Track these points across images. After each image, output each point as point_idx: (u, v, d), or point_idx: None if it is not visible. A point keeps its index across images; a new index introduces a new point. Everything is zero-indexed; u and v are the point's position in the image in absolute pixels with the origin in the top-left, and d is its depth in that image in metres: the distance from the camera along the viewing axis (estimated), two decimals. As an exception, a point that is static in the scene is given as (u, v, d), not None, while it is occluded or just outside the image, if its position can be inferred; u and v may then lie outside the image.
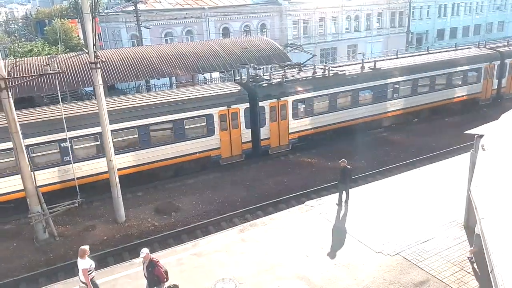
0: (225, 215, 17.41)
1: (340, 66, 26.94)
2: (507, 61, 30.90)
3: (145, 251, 10.32)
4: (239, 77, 25.42)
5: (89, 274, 10.43)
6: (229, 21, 44.50)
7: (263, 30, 46.60)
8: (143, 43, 36.00)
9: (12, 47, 52.68)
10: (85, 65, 22.27)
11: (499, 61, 30.36)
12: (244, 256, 12.82)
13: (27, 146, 16.19)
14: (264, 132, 22.42)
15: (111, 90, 26.20)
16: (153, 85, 29.53)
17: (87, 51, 17.27)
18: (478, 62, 29.50)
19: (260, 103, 21.90)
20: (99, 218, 17.60)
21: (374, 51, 49.29)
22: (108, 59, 23.52)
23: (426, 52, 30.74)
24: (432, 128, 27.13)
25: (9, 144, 15.70)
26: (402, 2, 53.74)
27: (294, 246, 13.21)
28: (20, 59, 22.70)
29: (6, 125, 14.87)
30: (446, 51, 31.07)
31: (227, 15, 44.12)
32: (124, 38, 39.97)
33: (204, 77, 30.57)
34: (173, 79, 30.56)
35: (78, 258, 10.43)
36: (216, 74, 31.41)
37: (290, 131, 23.12)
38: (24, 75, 20.35)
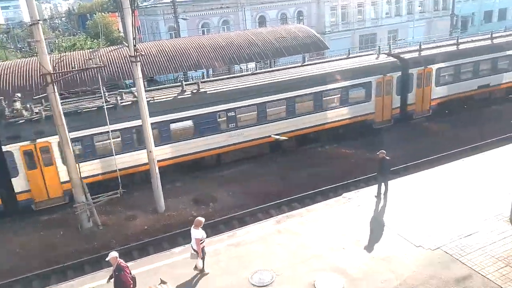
0: (261, 206, 17.51)
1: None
2: (413, 71, 24.51)
3: (112, 254, 9.97)
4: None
5: (201, 243, 11.19)
6: (265, 9, 44.19)
7: (300, 18, 45.93)
8: (181, 34, 36.44)
9: (56, 42, 54.88)
10: (125, 58, 22.83)
11: (400, 72, 24.12)
12: (281, 248, 12.85)
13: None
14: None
15: (150, 82, 26.73)
16: (190, 77, 29.87)
17: (127, 44, 17.70)
18: (366, 75, 23.30)
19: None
20: (140, 208, 18.17)
21: (416, 36, 47.45)
22: (147, 52, 24.00)
23: (300, 65, 24.38)
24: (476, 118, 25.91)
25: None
26: (446, -17, 51.30)
27: (330, 238, 13.09)
28: (64, 54, 23.57)
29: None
30: (328, 61, 25.03)
31: (263, 4, 43.80)
32: (162, 31, 40.65)
33: (240, 68, 30.58)
34: (210, 70, 30.79)
35: (192, 227, 11.27)
36: (252, 65, 31.34)
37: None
38: (68, 69, 21.14)
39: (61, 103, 15.84)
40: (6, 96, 21.05)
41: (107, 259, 10.00)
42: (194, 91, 20.16)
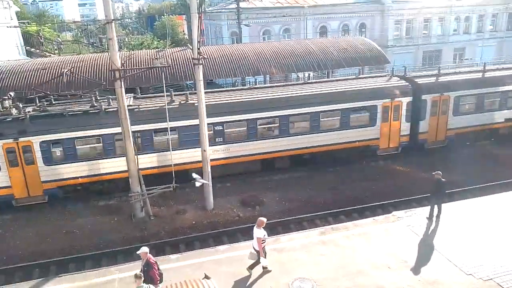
0: (307, 215, 17.48)
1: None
2: (426, 97, 22.95)
3: (143, 249, 10.41)
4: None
5: (262, 243, 11.63)
6: (327, 20, 44.09)
7: (362, 30, 45.35)
8: (242, 40, 37.27)
9: (126, 39, 58.04)
10: (188, 60, 23.73)
11: (411, 97, 22.56)
12: (324, 259, 12.81)
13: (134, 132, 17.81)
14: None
15: (209, 85, 27.56)
16: (248, 82, 30.47)
17: (191, 47, 18.43)
18: (371, 98, 21.99)
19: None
20: (190, 203, 18.80)
21: (485, 56, 45.21)
22: (209, 55, 24.81)
23: (303, 82, 24.17)
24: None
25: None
26: (523, 3, 48.43)
27: (376, 256, 12.85)
28: (133, 52, 24.96)
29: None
30: (333, 81, 24.12)
31: (325, 14, 43.75)
32: (225, 35, 41.74)
33: (297, 76, 30.72)
34: (267, 77, 31.21)
35: (255, 227, 11.81)
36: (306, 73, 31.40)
37: None
38: (135, 67, 22.37)
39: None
40: (78, 88, 22.73)
41: (138, 252, 10.48)
42: (182, 102, 19.83)
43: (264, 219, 11.90)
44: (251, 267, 12.16)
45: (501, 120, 24.68)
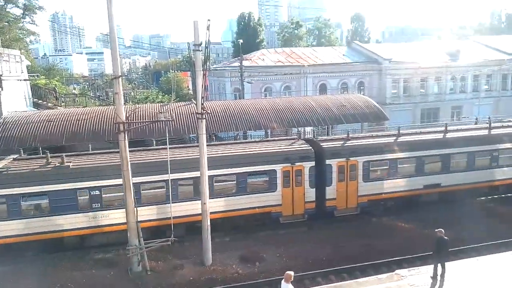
0: (308, 273, 17.05)
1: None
2: (331, 162, 21.90)
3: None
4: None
5: None
6: (327, 78, 45.53)
7: (361, 88, 46.67)
8: (244, 96, 38.32)
9: (131, 93, 59.65)
10: (192, 114, 24.27)
11: (313, 162, 21.59)
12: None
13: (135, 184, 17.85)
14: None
15: (211, 139, 27.94)
16: (250, 135, 30.92)
17: (195, 102, 19.00)
18: (271, 162, 21.06)
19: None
20: (188, 258, 18.43)
21: (482, 114, 46.14)
22: (212, 110, 25.42)
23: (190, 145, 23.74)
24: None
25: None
26: (516, 65, 50.21)
27: (379, 316, 12.41)
28: (137, 106, 25.58)
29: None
30: (233, 144, 23.75)
31: (325, 73, 45.26)
32: (228, 91, 42.97)
33: (298, 130, 31.25)
34: (269, 131, 31.75)
35: (283, 281, 12.00)
36: (308, 129, 31.96)
37: None
38: (140, 120, 22.84)
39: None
40: (82, 139, 23.09)
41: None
42: (57, 164, 19.03)
43: (292, 273, 12.05)
44: None
45: (420, 186, 23.29)
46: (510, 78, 51.24)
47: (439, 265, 14.54)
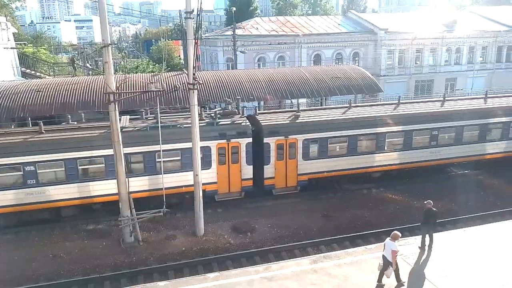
0: (299, 243, 17.31)
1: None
2: (269, 140, 21.03)
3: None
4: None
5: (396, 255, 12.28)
6: (321, 48, 44.90)
7: (356, 59, 46.20)
8: (237, 66, 37.74)
9: (122, 63, 58.53)
10: (183, 84, 23.90)
11: (250, 139, 20.74)
12: (315, 288, 12.61)
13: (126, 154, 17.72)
14: None
15: (202, 108, 27.66)
16: (243, 108, 30.64)
17: (186, 72, 18.62)
18: (205, 138, 19.34)
19: None
20: (180, 229, 18.56)
21: (476, 87, 46.10)
22: (204, 80, 25.03)
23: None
24: None
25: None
26: (512, 36, 49.83)
27: (367, 286, 12.68)
28: (128, 76, 25.09)
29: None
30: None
31: (320, 43, 44.59)
32: (220, 61, 42.27)
33: (291, 102, 31.00)
34: (261, 103, 31.48)
35: (389, 239, 12.46)
36: (303, 100, 31.71)
37: None
38: (130, 90, 22.45)
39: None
40: (72, 109, 22.75)
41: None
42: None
43: (399, 233, 12.56)
44: (379, 280, 12.68)
45: (364, 165, 22.52)
46: (505, 51, 50.92)
47: (427, 235, 14.77)
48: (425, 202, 14.78)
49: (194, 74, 16.64)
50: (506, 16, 52.34)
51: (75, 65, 36.87)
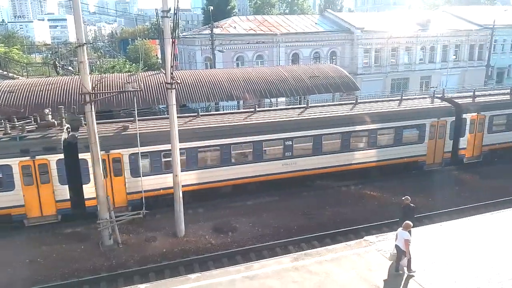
0: (280, 241, 17.37)
1: None
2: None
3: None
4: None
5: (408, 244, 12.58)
6: (299, 47, 45.18)
7: (333, 57, 46.66)
8: (216, 65, 37.59)
9: (97, 62, 57.52)
10: (161, 84, 23.69)
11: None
12: (296, 286, 12.66)
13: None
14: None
15: (182, 108, 27.48)
16: (222, 107, 30.58)
17: (164, 71, 18.43)
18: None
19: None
20: (160, 230, 18.36)
21: (449, 85, 47.21)
22: (182, 80, 24.85)
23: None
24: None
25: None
26: (483, 35, 51.23)
27: (348, 281, 12.82)
28: (104, 76, 24.72)
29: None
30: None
31: (298, 42, 44.84)
32: (199, 60, 42.03)
33: (270, 101, 31.10)
34: (241, 102, 31.49)
35: (401, 229, 12.87)
36: (281, 99, 31.87)
37: None
38: (107, 91, 22.11)
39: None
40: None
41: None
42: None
43: (411, 223, 12.98)
44: (396, 270, 13.08)
45: (220, 178, 20.82)
46: (477, 49, 52.35)
47: (405, 231, 15.03)
48: (403, 198, 15.06)
49: (172, 73, 16.50)
50: (477, 16, 53.88)
51: (57, 69, 35.93)
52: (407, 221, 12.98)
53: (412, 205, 14.85)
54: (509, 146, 26.20)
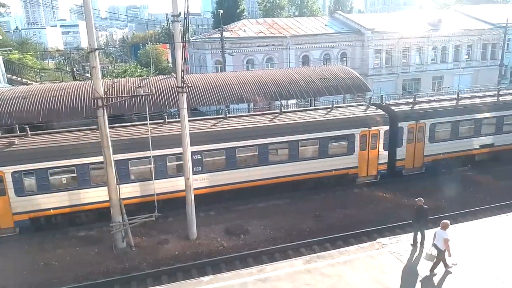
0: (292, 244, 17.33)
1: None
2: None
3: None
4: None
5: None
6: (309, 49, 45.11)
7: (343, 59, 46.49)
8: (226, 68, 37.73)
9: (109, 67, 58.18)
10: (173, 88, 23.80)
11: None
12: (309, 288, 12.63)
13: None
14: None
15: (193, 111, 27.62)
16: (232, 110, 30.64)
17: (175, 75, 18.55)
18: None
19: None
20: (173, 233, 18.45)
21: (462, 85, 46.66)
22: (193, 83, 24.95)
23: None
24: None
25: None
26: (496, 34, 50.55)
27: (360, 284, 12.74)
28: (116, 80, 24.92)
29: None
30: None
31: (308, 44, 44.77)
32: (209, 64, 42.25)
33: (281, 103, 31.09)
34: (251, 104, 31.54)
35: (439, 228, 12.95)
36: (292, 101, 31.84)
37: None
38: (119, 95, 22.29)
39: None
40: (60, 116, 22.54)
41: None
42: None
43: (448, 222, 13.05)
44: (432, 269, 13.14)
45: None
46: (489, 48, 51.67)
47: (418, 233, 14.90)
48: (416, 199, 14.92)
49: (182, 77, 16.61)
50: (489, 14, 53.18)
51: (75, 75, 36.45)
52: (444, 221, 13.08)
53: (425, 206, 14.69)
54: (455, 156, 24.50)
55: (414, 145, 23.68)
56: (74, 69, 37.05)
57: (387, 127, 22.70)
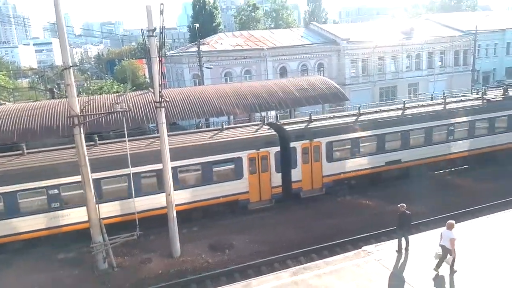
0: (278, 256, 17.13)
1: None
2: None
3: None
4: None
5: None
6: (286, 61, 45.46)
7: (320, 69, 47.01)
8: (204, 82, 37.61)
9: (85, 84, 57.32)
10: (150, 103, 23.55)
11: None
12: (297, 301, 12.44)
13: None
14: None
15: (172, 126, 27.34)
16: (212, 123, 30.48)
17: (152, 90, 18.33)
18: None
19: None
20: (155, 251, 18.00)
21: (437, 90, 47.73)
22: (171, 98, 24.76)
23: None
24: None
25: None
26: (467, 40, 52.13)
27: (349, 294, 12.64)
28: (92, 97, 24.54)
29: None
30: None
31: (285, 55, 45.13)
32: (187, 78, 42.03)
33: (261, 115, 31.12)
34: (231, 117, 31.45)
35: (445, 229, 13.27)
36: (272, 113, 31.91)
37: None
38: (95, 112, 21.91)
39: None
40: (35, 136, 21.95)
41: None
42: None
43: (453, 222, 13.36)
44: (437, 267, 13.40)
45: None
46: (461, 55, 53.19)
47: (403, 238, 14.94)
48: (399, 205, 14.99)
49: (160, 92, 16.40)
50: (459, 22, 54.92)
51: (55, 95, 35.58)
52: (450, 221, 13.37)
53: (408, 212, 14.78)
54: (359, 175, 23.01)
55: (311, 165, 22.12)
56: (54, 89, 36.22)
57: (278, 148, 21.17)
